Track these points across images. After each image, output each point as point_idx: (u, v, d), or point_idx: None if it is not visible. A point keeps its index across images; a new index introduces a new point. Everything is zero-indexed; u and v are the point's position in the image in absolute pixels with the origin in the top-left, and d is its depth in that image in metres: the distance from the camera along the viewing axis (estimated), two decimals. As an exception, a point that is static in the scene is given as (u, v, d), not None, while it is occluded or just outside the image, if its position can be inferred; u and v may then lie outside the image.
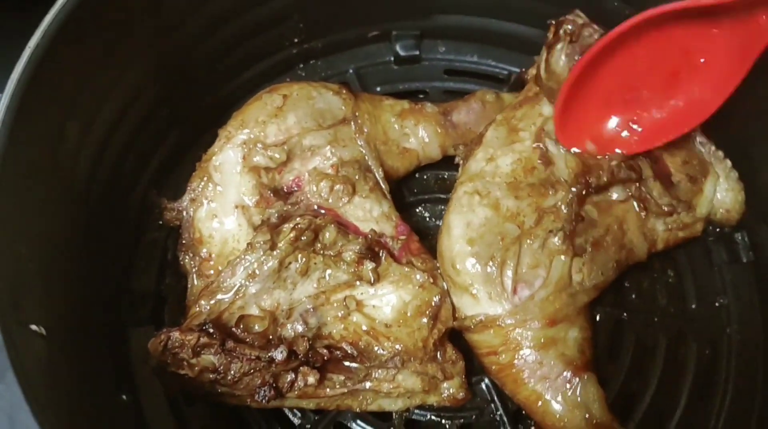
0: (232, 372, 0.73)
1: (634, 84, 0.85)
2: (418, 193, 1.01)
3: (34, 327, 0.58)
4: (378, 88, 1.07)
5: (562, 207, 0.83)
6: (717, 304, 0.92)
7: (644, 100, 0.86)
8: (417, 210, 1.00)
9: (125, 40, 0.79)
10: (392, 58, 1.08)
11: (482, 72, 1.09)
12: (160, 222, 0.90)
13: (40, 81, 0.65)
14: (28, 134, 0.64)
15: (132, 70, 0.83)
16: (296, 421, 0.85)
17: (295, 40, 1.03)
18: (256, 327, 0.77)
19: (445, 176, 1.01)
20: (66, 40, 0.68)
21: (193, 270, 0.83)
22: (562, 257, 0.80)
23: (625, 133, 0.88)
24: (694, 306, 0.92)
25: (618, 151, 0.87)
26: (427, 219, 0.99)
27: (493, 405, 0.87)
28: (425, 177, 1.02)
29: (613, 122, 0.88)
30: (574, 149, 0.86)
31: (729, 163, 0.91)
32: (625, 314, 0.92)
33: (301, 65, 1.07)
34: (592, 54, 0.80)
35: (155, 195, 0.86)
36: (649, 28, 0.78)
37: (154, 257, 0.91)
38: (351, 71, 1.07)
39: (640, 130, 0.87)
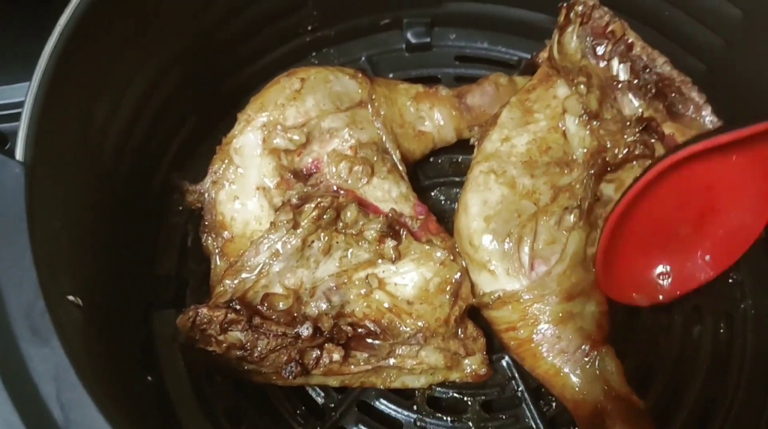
0: (259, 348, 0.74)
1: (668, 226, 0.85)
2: (433, 177, 1.02)
3: (71, 298, 0.59)
4: (390, 75, 1.08)
5: (578, 186, 0.84)
6: (731, 280, 0.93)
7: (682, 238, 0.86)
8: (432, 193, 1.01)
9: (151, 24, 0.80)
10: (404, 46, 1.10)
11: (493, 58, 1.11)
12: (180, 207, 0.92)
13: (70, 58, 0.66)
14: (59, 112, 0.65)
15: (156, 54, 0.84)
16: (320, 400, 0.86)
17: (309, 28, 1.04)
18: (281, 305, 0.78)
19: (459, 160, 1.02)
20: (93, 21, 0.69)
21: (216, 251, 0.84)
22: (578, 233, 0.82)
23: (668, 278, 0.87)
24: (708, 282, 0.93)
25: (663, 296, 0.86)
26: (443, 202, 1.01)
27: (514, 382, 0.88)
28: (440, 161, 1.03)
29: (655, 268, 0.87)
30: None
31: (739, 142, 0.92)
32: (641, 291, 0.93)
33: (314, 53, 1.09)
34: (620, 209, 0.78)
35: (177, 177, 0.87)
36: (671, 172, 0.77)
37: (175, 241, 0.92)
38: (363, 59, 1.09)
39: (685, 268, 0.86)
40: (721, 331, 0.91)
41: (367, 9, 1.06)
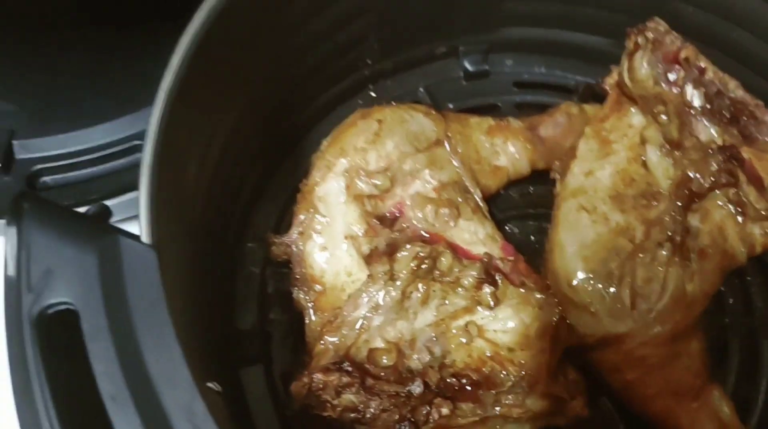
0: (372, 409, 0.71)
1: None
2: (505, 210, 0.99)
3: (210, 385, 0.56)
4: (450, 105, 1.05)
5: (666, 218, 0.83)
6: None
7: None
8: (506, 227, 0.99)
9: (231, 81, 0.77)
10: (461, 74, 1.07)
11: (551, 83, 1.08)
12: (255, 256, 0.89)
13: (173, 127, 0.63)
14: (167, 182, 0.62)
15: (234, 109, 0.81)
16: (422, 452, 0.84)
17: (369, 62, 1.01)
18: (384, 360, 0.75)
19: (531, 191, 1.00)
20: (190, 84, 0.66)
21: (309, 305, 0.81)
22: (674, 269, 0.80)
23: None
24: (791, 307, 0.93)
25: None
26: (518, 235, 0.98)
27: (614, 422, 0.86)
28: (511, 193, 1.00)
29: None
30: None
31: (816, 163, 0.92)
32: (726, 319, 0.92)
33: (371, 86, 1.06)
34: None
35: (266, 231, 0.84)
36: None
37: (253, 292, 0.89)
38: (422, 89, 1.06)
39: None
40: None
41: (425, 38, 1.04)
